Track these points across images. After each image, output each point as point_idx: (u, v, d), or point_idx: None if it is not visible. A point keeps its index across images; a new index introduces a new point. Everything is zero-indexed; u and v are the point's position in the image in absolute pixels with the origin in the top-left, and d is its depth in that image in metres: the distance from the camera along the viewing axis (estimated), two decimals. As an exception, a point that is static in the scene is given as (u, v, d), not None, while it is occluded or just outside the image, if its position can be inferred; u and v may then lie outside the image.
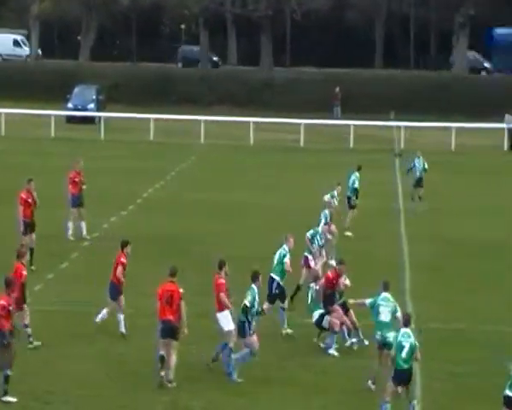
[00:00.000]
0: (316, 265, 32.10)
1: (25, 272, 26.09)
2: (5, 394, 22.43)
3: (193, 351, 25.97)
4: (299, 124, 69.37)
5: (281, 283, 29.24)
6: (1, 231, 38.40)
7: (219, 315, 25.40)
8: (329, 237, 34.86)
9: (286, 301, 29.13)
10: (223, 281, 25.68)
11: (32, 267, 32.95)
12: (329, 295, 27.28)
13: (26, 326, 26.16)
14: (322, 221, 35.44)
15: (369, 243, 39.93)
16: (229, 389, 24.46)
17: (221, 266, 26.00)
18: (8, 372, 22.49)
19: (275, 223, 42.35)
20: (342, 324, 27.20)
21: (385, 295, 25.23)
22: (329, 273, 28.03)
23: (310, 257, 32.16)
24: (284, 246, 29.88)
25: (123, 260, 28.00)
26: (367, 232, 41.47)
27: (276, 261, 29.78)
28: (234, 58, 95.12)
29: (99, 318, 28.11)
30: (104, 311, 28.09)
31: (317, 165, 59.94)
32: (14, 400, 22.46)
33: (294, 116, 71.51)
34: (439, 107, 77.11)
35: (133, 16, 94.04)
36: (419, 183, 48.38)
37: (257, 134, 68.83)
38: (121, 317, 27.97)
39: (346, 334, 27.46)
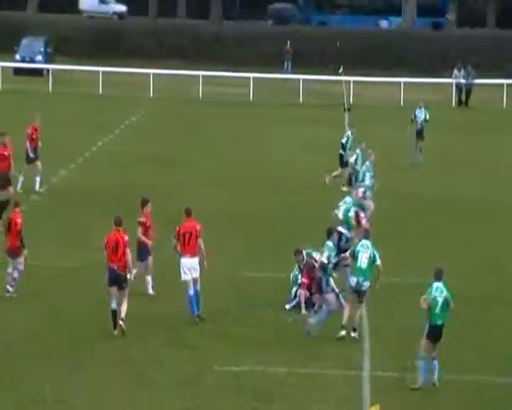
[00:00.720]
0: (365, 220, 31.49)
1: None
2: None
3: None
4: (249, 78, 69.27)
5: (349, 236, 29.40)
6: None
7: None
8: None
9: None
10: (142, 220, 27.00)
11: None
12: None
13: None
14: (368, 175, 36.40)
15: (318, 199, 39.86)
16: (176, 342, 24.61)
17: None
18: None
19: (226, 176, 42.36)
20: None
21: (365, 241, 25.52)
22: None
23: (362, 214, 31.25)
24: (347, 198, 30.93)
25: (142, 219, 27.60)
26: (317, 189, 41.50)
27: (342, 215, 30.44)
28: (183, 11, 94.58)
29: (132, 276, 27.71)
30: (134, 271, 27.40)
31: (266, 119, 59.82)
32: None
33: (244, 70, 71.33)
34: (387, 61, 77.03)
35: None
36: (420, 134, 48.32)
37: (206, 88, 68.70)
38: (149, 278, 27.73)
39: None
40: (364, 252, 25.09)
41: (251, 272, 29.65)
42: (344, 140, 44.09)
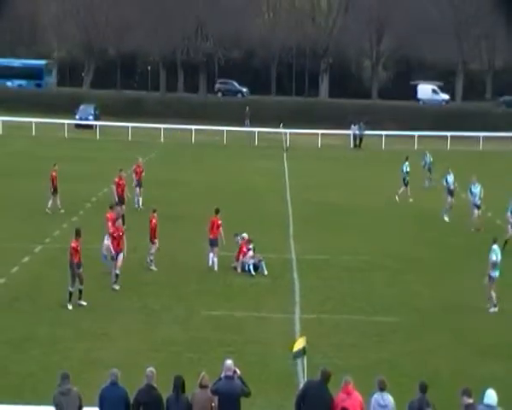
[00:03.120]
0: None
1: None
2: None
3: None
4: (223, 130, 69.24)
5: None
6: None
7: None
8: None
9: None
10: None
11: None
12: None
13: None
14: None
15: (265, 204, 39.83)
16: (178, 296, 24.24)
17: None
18: None
19: (211, 190, 42.22)
20: None
21: None
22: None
23: None
24: None
25: (217, 221, 26.87)
26: (264, 198, 41.40)
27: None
28: (181, 88, 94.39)
29: (210, 263, 27.05)
30: (211, 255, 27.08)
31: (234, 155, 59.78)
32: None
33: (220, 125, 71.16)
34: (310, 120, 76.99)
35: (117, 60, 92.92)
36: (429, 171, 46.24)
37: (196, 136, 68.54)
38: (216, 260, 26.99)
39: None
40: None
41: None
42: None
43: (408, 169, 42.42)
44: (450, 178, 38.00)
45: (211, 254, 27.03)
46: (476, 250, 30.84)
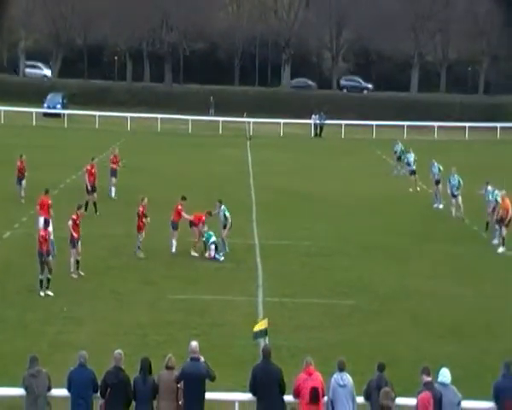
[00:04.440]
0: None
1: None
2: None
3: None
4: (188, 119, 68.96)
5: None
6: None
7: None
8: None
9: None
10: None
11: None
12: None
13: None
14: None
15: (229, 191, 39.81)
16: (145, 281, 24.18)
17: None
18: None
19: (174, 176, 42.07)
20: None
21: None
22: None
23: None
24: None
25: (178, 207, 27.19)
26: (228, 185, 41.42)
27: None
28: (148, 77, 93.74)
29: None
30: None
31: (198, 144, 59.65)
32: None
33: (186, 114, 70.90)
34: (273, 110, 76.97)
35: (85, 50, 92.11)
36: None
37: (162, 125, 68.26)
38: (174, 242, 27.07)
39: None
40: None
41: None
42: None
43: (412, 160, 41.66)
44: (435, 168, 37.19)
45: (173, 240, 27.07)
46: (432, 237, 31.18)
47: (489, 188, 31.15)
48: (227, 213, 27.54)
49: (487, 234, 30.96)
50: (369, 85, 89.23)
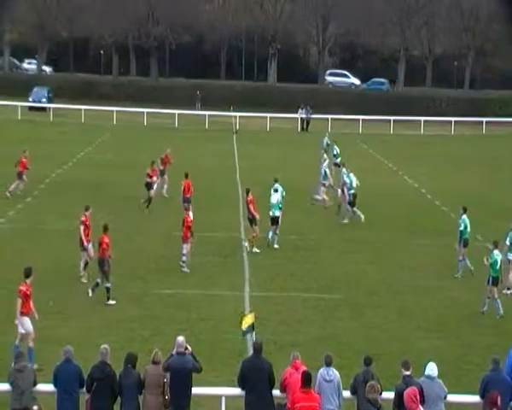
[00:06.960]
0: None
1: None
2: None
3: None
4: (175, 113, 68.77)
5: None
6: None
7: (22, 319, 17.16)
8: None
9: None
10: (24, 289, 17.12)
11: None
12: None
13: None
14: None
15: (216, 185, 39.78)
16: (133, 276, 23.99)
17: (27, 274, 17.39)
18: None
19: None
20: None
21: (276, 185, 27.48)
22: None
23: None
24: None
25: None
26: (215, 179, 41.34)
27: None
28: (134, 71, 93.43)
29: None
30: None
31: (185, 138, 59.50)
32: None
33: (172, 108, 70.71)
34: (259, 104, 76.85)
35: (70, 43, 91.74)
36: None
37: (148, 119, 68.06)
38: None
39: None
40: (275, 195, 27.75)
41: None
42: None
43: (335, 152, 43.09)
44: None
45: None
46: (418, 231, 31.25)
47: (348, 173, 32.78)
48: (284, 194, 28.58)
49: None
50: (358, 82, 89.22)
